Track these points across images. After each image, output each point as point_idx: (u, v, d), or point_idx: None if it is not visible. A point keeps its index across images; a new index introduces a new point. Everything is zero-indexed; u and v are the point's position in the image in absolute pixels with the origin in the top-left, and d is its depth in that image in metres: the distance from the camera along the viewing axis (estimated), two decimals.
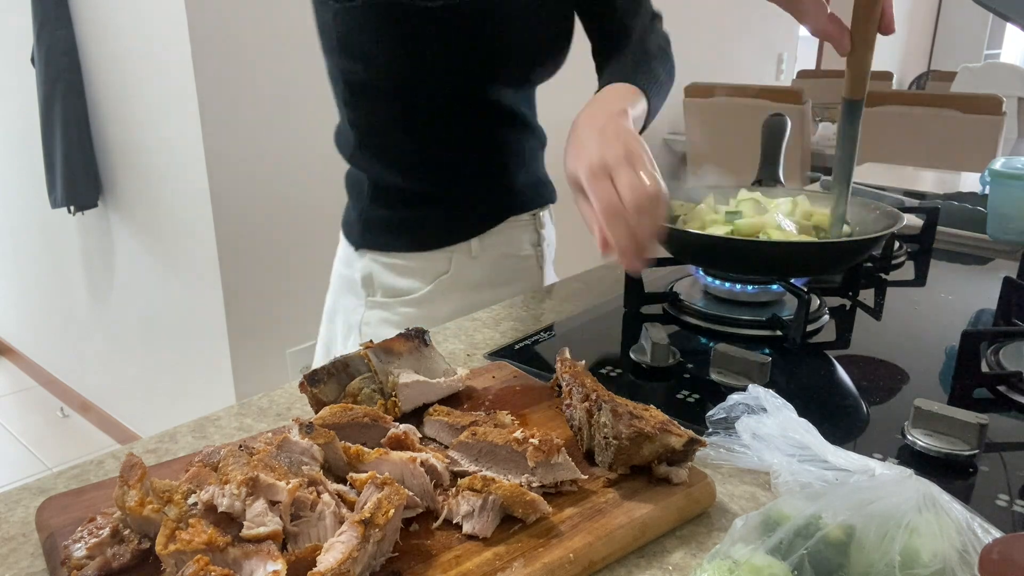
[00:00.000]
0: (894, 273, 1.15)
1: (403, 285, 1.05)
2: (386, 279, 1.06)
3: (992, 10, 0.79)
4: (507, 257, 1.08)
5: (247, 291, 2.16)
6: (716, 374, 0.76)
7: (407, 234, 1.04)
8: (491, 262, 1.06)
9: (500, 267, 1.07)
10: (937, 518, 0.44)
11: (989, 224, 1.28)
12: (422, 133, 1.00)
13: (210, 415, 0.71)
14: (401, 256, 1.04)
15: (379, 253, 1.06)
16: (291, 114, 2.15)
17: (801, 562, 0.44)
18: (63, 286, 2.85)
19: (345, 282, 1.12)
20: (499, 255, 1.07)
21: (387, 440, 0.58)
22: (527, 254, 1.10)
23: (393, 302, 1.05)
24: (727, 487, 0.61)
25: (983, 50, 7.29)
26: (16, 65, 2.52)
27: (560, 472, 0.55)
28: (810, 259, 0.90)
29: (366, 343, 0.68)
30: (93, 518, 0.49)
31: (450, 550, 0.50)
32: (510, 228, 1.07)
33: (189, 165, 2.06)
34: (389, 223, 1.04)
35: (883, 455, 0.64)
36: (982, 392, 0.75)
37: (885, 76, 4.66)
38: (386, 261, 1.05)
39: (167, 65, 2.01)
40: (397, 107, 0.99)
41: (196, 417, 0.71)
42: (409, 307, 1.05)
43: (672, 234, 0.93)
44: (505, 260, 1.08)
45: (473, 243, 1.04)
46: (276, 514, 0.46)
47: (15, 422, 3.00)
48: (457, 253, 1.04)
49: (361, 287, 1.08)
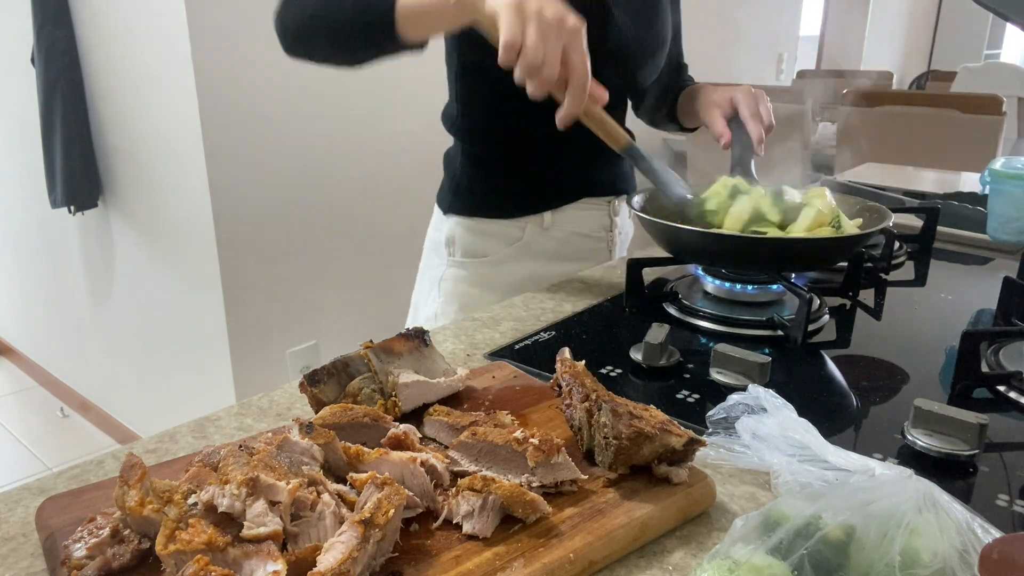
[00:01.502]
0: (894, 273, 1.15)
1: (481, 247, 1.16)
2: (466, 241, 1.16)
3: (992, 10, 0.79)
4: (578, 235, 1.18)
5: (247, 291, 2.16)
6: (716, 374, 0.76)
7: (488, 200, 1.15)
8: (562, 237, 1.17)
9: (570, 243, 1.18)
10: (937, 518, 0.44)
11: (989, 224, 1.28)
12: (520, 112, 1.06)
13: (210, 415, 0.71)
14: (481, 221, 1.15)
15: (463, 217, 1.16)
16: (291, 114, 2.15)
17: (801, 562, 0.44)
18: (63, 286, 2.85)
19: (433, 244, 1.23)
20: (570, 232, 1.18)
21: (387, 440, 0.58)
22: (599, 236, 1.21)
23: (470, 262, 1.16)
24: (727, 487, 0.61)
25: (983, 50, 7.28)
26: (16, 65, 2.52)
27: (560, 472, 0.55)
28: (807, 254, 0.91)
29: (366, 343, 0.68)
30: (93, 518, 0.49)
31: (450, 550, 0.50)
32: (584, 209, 1.18)
33: (189, 165, 2.05)
34: (475, 189, 1.16)
35: (883, 455, 0.64)
36: (982, 392, 0.75)
37: (885, 76, 4.66)
38: (468, 224, 1.16)
39: (167, 65, 2.01)
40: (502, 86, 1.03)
41: (196, 417, 0.71)
42: (484, 268, 1.16)
43: (672, 233, 0.93)
44: (575, 238, 1.18)
45: (546, 216, 1.15)
46: (276, 514, 0.46)
47: (15, 422, 3.00)
48: (531, 223, 1.15)
49: (444, 247, 1.18)
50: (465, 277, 1.16)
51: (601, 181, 1.19)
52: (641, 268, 0.98)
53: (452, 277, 1.17)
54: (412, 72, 2.32)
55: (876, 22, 6.45)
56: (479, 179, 1.16)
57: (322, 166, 2.24)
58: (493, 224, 1.15)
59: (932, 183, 1.88)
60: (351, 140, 2.28)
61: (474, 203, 1.16)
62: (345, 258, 2.37)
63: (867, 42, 6.39)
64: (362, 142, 2.31)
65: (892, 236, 1.14)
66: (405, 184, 2.40)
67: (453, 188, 1.18)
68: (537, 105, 1.05)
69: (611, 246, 1.24)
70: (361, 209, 2.35)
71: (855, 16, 6.29)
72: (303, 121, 2.17)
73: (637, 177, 1.22)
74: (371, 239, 2.39)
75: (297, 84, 2.13)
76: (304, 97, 2.15)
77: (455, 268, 1.17)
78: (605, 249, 1.23)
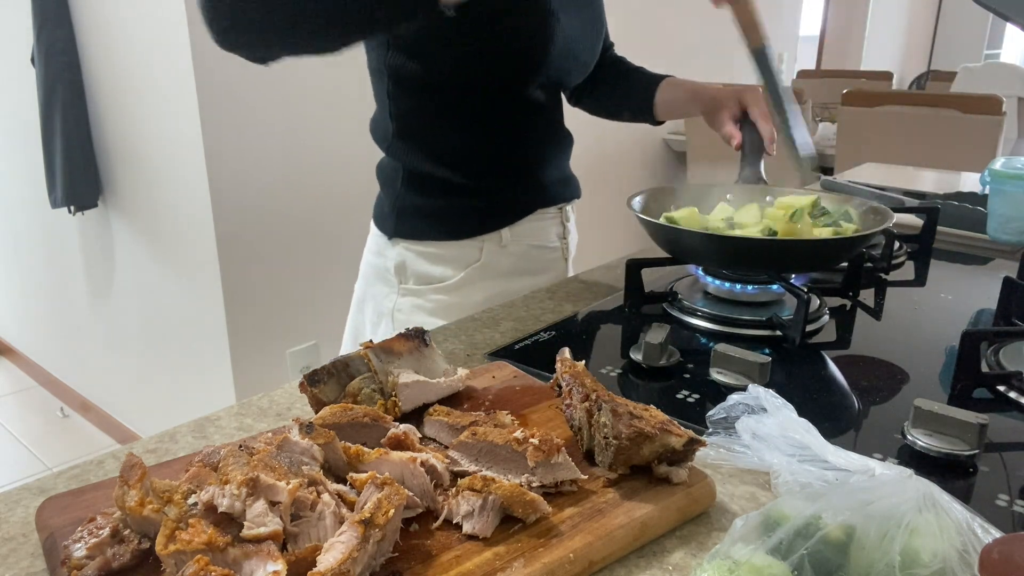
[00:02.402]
0: (894, 273, 1.15)
1: (436, 272, 1.08)
2: (419, 267, 1.09)
3: (992, 10, 0.80)
4: (535, 248, 1.14)
5: (247, 291, 2.16)
6: (716, 374, 0.76)
7: (441, 223, 1.08)
8: (520, 252, 1.12)
9: (529, 257, 1.13)
10: (937, 518, 0.44)
11: (989, 224, 1.28)
12: (462, 126, 1.05)
13: (210, 415, 0.71)
14: (434, 244, 1.08)
15: (412, 242, 1.09)
16: (291, 114, 2.15)
17: (801, 562, 0.44)
18: (63, 286, 2.85)
19: (376, 271, 1.14)
20: (528, 246, 1.13)
21: (387, 440, 0.58)
22: (554, 246, 1.17)
23: (425, 289, 1.09)
24: (727, 487, 0.61)
25: (983, 50, 7.28)
26: (16, 65, 2.52)
27: (560, 472, 0.55)
28: (805, 255, 0.91)
29: (366, 343, 0.68)
30: (93, 518, 0.49)
31: (450, 550, 0.50)
32: (539, 220, 1.13)
33: (189, 165, 2.05)
34: (423, 212, 1.08)
35: (883, 455, 0.64)
36: (982, 392, 0.75)
37: (885, 76, 4.66)
38: (419, 249, 1.08)
39: (167, 65, 2.01)
40: (442, 101, 1.04)
41: (196, 417, 0.71)
42: (441, 294, 1.08)
43: (672, 234, 0.93)
44: (533, 251, 1.13)
45: (504, 233, 1.09)
46: (276, 514, 0.46)
47: (15, 422, 3.00)
48: (488, 242, 1.09)
49: (394, 275, 1.11)
50: (421, 306, 1.09)
51: (551, 189, 1.14)
52: (641, 268, 0.98)
53: (406, 307, 1.09)
54: None
55: (876, 22, 6.46)
56: (426, 201, 1.08)
57: (322, 166, 2.24)
58: (448, 247, 1.08)
59: (932, 183, 1.88)
60: (351, 140, 2.28)
61: (424, 227, 1.08)
62: (345, 258, 2.37)
63: (867, 42, 6.39)
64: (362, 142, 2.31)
65: (892, 236, 1.14)
66: None
67: (396, 210, 1.09)
68: (481, 117, 1.06)
69: (566, 254, 1.20)
70: (361, 209, 2.35)
71: (855, 16, 6.29)
72: (303, 121, 2.17)
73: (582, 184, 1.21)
74: None
75: (297, 84, 2.13)
76: (304, 97, 2.15)
77: (409, 297, 1.09)
78: (561, 258, 1.19)
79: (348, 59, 0.89)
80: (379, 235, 1.13)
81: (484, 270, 1.08)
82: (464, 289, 1.08)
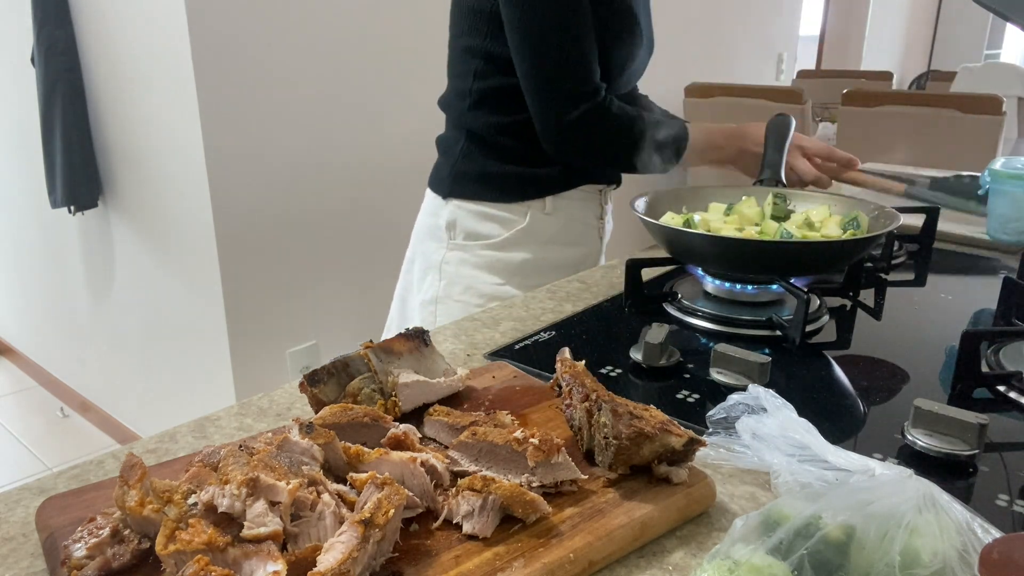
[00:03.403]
0: (894, 273, 1.14)
1: (483, 230, 1.20)
2: (469, 223, 1.20)
3: (992, 10, 0.79)
4: (575, 221, 1.25)
5: (247, 291, 2.16)
6: (716, 374, 0.76)
7: (493, 185, 1.20)
8: (562, 222, 1.22)
9: (569, 228, 1.24)
10: (937, 518, 0.44)
11: (989, 224, 1.28)
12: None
13: (210, 415, 0.71)
14: (485, 204, 1.20)
15: (465, 200, 1.20)
16: (291, 114, 2.15)
17: (801, 562, 0.44)
18: (63, 286, 2.85)
19: (428, 229, 1.26)
20: (568, 217, 1.23)
21: (387, 440, 0.58)
22: (592, 224, 1.28)
23: (473, 244, 1.21)
24: (727, 487, 0.61)
25: (983, 50, 7.28)
26: (16, 65, 2.52)
27: (560, 472, 0.55)
28: (809, 258, 0.90)
29: (366, 343, 0.68)
30: (93, 518, 0.49)
31: (450, 550, 0.50)
32: (580, 196, 1.24)
33: (189, 165, 2.05)
34: (478, 175, 1.20)
35: (883, 455, 0.64)
36: (982, 392, 0.75)
37: (885, 76, 4.66)
38: (470, 208, 1.20)
39: (167, 65, 2.01)
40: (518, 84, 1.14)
41: (196, 417, 0.71)
42: (487, 250, 1.20)
43: (672, 234, 0.93)
44: (573, 223, 1.24)
45: (548, 200, 1.20)
46: (276, 514, 0.46)
47: (15, 422, 3.00)
48: (533, 208, 1.20)
49: (444, 231, 1.22)
50: (467, 259, 1.20)
51: (597, 171, 1.24)
52: (641, 268, 0.98)
53: (455, 260, 1.21)
54: (413, 73, 2.32)
55: (876, 22, 6.46)
56: (484, 164, 1.20)
57: (322, 166, 2.24)
58: (496, 208, 1.19)
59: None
60: (351, 140, 2.28)
61: (478, 188, 1.20)
62: (345, 258, 2.37)
63: (867, 42, 6.39)
64: (363, 142, 2.31)
65: (892, 236, 1.14)
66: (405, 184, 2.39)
67: (453, 173, 1.21)
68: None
69: (602, 233, 1.30)
70: (362, 209, 2.35)
71: (855, 16, 6.29)
72: (303, 121, 2.17)
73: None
74: (372, 239, 2.39)
75: (297, 84, 2.13)
76: (304, 97, 2.15)
77: (457, 251, 1.21)
78: (596, 236, 1.29)
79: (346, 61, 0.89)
80: (434, 197, 1.25)
81: (527, 233, 1.19)
82: (508, 248, 1.20)
